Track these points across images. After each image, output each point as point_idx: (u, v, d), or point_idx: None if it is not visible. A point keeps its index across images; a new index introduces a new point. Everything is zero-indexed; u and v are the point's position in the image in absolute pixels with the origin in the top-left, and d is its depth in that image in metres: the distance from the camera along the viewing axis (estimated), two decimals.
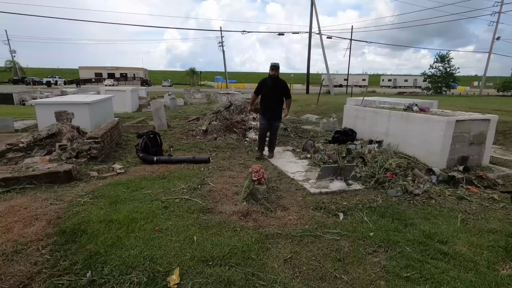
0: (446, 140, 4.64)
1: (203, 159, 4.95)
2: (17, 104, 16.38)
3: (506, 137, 7.86)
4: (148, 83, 54.92)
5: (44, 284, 1.94)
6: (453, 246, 2.55)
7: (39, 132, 5.12)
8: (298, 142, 6.78)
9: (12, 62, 52.71)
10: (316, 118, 11.20)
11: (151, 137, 5.15)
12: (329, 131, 8.33)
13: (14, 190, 3.48)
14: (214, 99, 20.36)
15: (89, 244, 2.38)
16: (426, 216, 3.12)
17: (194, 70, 66.04)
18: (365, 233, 2.72)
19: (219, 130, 7.15)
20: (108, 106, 8.60)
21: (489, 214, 3.24)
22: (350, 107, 7.29)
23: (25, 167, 3.91)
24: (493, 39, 40.92)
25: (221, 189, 3.67)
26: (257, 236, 2.60)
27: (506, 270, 2.24)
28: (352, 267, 2.24)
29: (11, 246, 2.31)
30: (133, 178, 4.07)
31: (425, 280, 2.10)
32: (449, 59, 42.25)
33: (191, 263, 2.19)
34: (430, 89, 43.63)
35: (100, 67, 67.24)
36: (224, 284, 1.99)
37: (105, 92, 12.96)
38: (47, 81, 44.67)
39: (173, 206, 3.16)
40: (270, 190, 3.68)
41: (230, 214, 3.00)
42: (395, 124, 5.55)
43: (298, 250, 2.44)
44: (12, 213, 2.86)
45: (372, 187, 3.90)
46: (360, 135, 6.51)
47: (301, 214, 3.09)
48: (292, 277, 2.12)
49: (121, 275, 2.03)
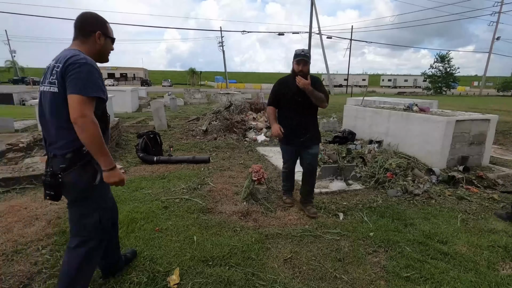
0: (446, 140, 4.64)
1: (203, 159, 4.95)
2: (17, 104, 16.38)
3: (506, 137, 7.86)
4: (148, 83, 54.91)
5: (44, 284, 1.94)
6: (453, 246, 2.55)
7: (39, 132, 5.12)
8: None
9: (12, 62, 52.71)
10: None
11: (151, 137, 5.15)
12: (329, 131, 8.34)
13: (14, 190, 3.49)
14: (214, 99, 20.35)
15: None
16: (426, 216, 3.12)
17: (194, 70, 66.05)
18: (365, 233, 2.72)
19: (219, 130, 7.15)
20: (108, 106, 8.60)
21: (489, 214, 3.24)
22: (350, 107, 7.29)
23: (25, 167, 3.91)
24: (493, 39, 40.98)
25: (221, 189, 3.67)
26: (257, 236, 2.60)
27: (506, 270, 2.24)
28: (352, 267, 2.24)
29: (11, 246, 2.32)
30: (133, 178, 4.07)
31: (425, 280, 2.10)
32: (449, 59, 42.27)
33: (191, 263, 2.19)
34: (430, 89, 43.65)
35: (100, 67, 67.11)
36: (224, 284, 1.99)
37: None
38: None
39: (173, 206, 3.16)
40: (270, 190, 3.68)
41: (230, 214, 3.00)
42: (395, 124, 5.55)
43: (298, 250, 2.44)
44: (12, 213, 2.86)
45: (372, 187, 3.90)
46: (360, 135, 6.51)
47: (301, 214, 3.09)
48: (292, 277, 2.12)
49: (121, 275, 2.03)
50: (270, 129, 7.41)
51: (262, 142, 6.65)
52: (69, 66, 1.42)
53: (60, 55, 1.52)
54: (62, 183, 1.48)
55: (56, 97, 1.46)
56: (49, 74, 1.49)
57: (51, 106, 1.49)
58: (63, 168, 1.48)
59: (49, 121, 1.51)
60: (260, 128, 7.33)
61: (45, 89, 1.51)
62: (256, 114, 8.17)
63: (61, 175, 1.47)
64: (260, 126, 7.40)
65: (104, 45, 1.64)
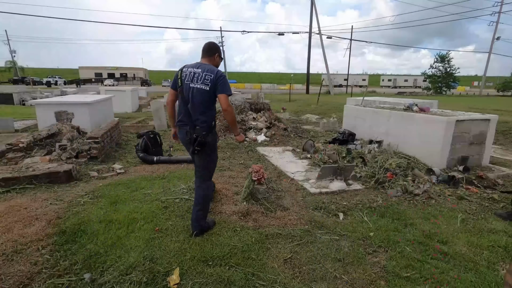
0: (446, 140, 4.64)
1: None
2: (17, 104, 16.38)
3: (506, 137, 7.86)
4: (148, 83, 54.90)
5: (44, 284, 1.94)
6: (453, 246, 2.55)
7: (39, 132, 5.12)
8: (298, 142, 6.78)
9: (12, 62, 52.70)
10: (316, 118, 11.21)
11: (151, 137, 5.15)
12: (329, 131, 8.34)
13: (14, 190, 3.48)
14: None
15: (89, 244, 2.38)
16: (426, 216, 3.12)
17: None
18: (365, 233, 2.72)
19: (219, 130, 7.15)
20: (108, 106, 8.59)
21: (489, 214, 3.24)
22: (350, 107, 7.29)
23: (25, 167, 3.91)
24: (493, 39, 40.96)
25: (221, 189, 3.67)
26: (257, 236, 2.60)
27: (506, 270, 2.24)
28: (352, 267, 2.24)
29: (11, 246, 2.31)
30: (133, 178, 4.07)
31: (425, 280, 2.10)
32: (449, 59, 42.24)
33: (191, 263, 2.18)
34: (430, 89, 43.62)
35: (100, 67, 67.24)
36: (224, 284, 1.99)
37: (105, 92, 12.96)
38: (47, 81, 44.67)
39: (173, 206, 3.16)
40: (270, 190, 3.68)
41: (230, 214, 3.00)
42: (395, 124, 5.55)
43: (298, 250, 2.44)
44: (12, 213, 2.86)
45: (372, 187, 3.90)
46: (360, 135, 6.50)
47: (301, 214, 3.09)
48: (292, 277, 2.12)
49: (121, 275, 2.03)
50: (270, 129, 7.43)
51: (262, 142, 6.65)
52: (220, 77, 2.41)
53: (203, 66, 2.46)
54: (205, 142, 2.43)
55: (206, 94, 2.41)
56: (200, 78, 2.41)
57: (201, 98, 2.41)
58: (204, 134, 2.44)
59: (196, 106, 2.43)
60: (260, 128, 7.33)
61: (198, 86, 2.41)
62: (256, 114, 8.16)
63: (203, 138, 2.41)
64: (260, 126, 7.40)
65: (219, 60, 2.64)
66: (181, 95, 2.53)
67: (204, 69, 2.43)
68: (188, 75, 2.47)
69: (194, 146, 2.43)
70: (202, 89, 2.40)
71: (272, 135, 7.12)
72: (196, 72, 2.44)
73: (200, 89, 2.41)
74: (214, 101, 2.50)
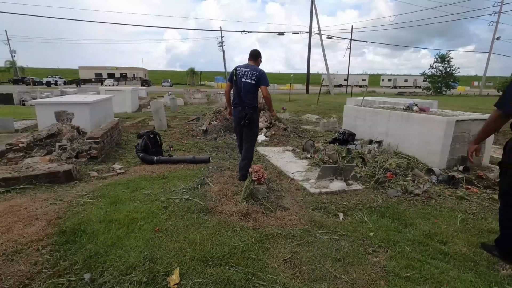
0: (446, 140, 4.63)
1: (203, 159, 4.95)
2: (17, 104, 16.38)
3: (506, 137, 7.86)
4: (148, 83, 54.89)
5: (44, 284, 1.94)
6: (453, 246, 2.55)
7: (39, 132, 5.12)
8: (298, 142, 6.77)
9: (12, 62, 52.70)
10: (316, 118, 11.20)
11: (151, 137, 5.15)
12: (329, 131, 8.34)
13: (14, 190, 3.48)
14: (214, 99, 20.34)
15: (89, 244, 2.38)
16: (426, 216, 3.12)
17: (194, 70, 66.05)
18: (365, 233, 2.72)
19: (219, 130, 7.16)
20: (108, 106, 8.60)
21: (489, 214, 3.24)
22: (350, 107, 7.29)
23: (25, 167, 3.91)
24: (493, 39, 40.99)
25: (221, 189, 3.67)
26: (257, 236, 2.60)
27: (506, 270, 2.24)
28: (352, 267, 2.24)
29: (11, 246, 2.31)
30: (133, 178, 4.07)
31: (425, 280, 2.10)
32: (449, 59, 42.27)
33: (191, 263, 2.18)
34: (430, 89, 43.65)
35: (100, 67, 67.29)
36: (224, 284, 1.99)
37: (105, 92, 12.96)
38: (47, 81, 44.70)
39: (173, 206, 3.16)
40: (270, 190, 3.68)
41: (230, 214, 3.00)
42: (395, 124, 5.54)
43: (298, 250, 2.44)
44: (12, 213, 2.86)
45: (372, 187, 3.90)
46: (360, 135, 6.50)
47: (301, 214, 3.09)
48: (292, 277, 2.12)
49: (121, 275, 2.03)
50: (270, 129, 7.43)
51: (262, 142, 6.65)
52: (262, 74, 3.69)
53: (251, 67, 3.75)
54: (252, 117, 3.75)
55: (253, 86, 3.71)
56: (249, 75, 3.69)
57: (249, 88, 3.71)
58: (251, 112, 3.74)
59: (246, 94, 3.73)
60: (260, 128, 7.33)
61: (247, 80, 3.70)
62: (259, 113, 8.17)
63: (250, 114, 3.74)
64: (260, 126, 7.40)
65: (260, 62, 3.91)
66: (235, 86, 3.77)
67: (251, 69, 3.72)
68: (240, 73, 3.73)
69: (244, 120, 3.72)
70: (250, 83, 3.69)
71: (272, 135, 7.12)
72: (246, 71, 3.72)
73: (248, 83, 3.70)
74: (257, 90, 3.77)
